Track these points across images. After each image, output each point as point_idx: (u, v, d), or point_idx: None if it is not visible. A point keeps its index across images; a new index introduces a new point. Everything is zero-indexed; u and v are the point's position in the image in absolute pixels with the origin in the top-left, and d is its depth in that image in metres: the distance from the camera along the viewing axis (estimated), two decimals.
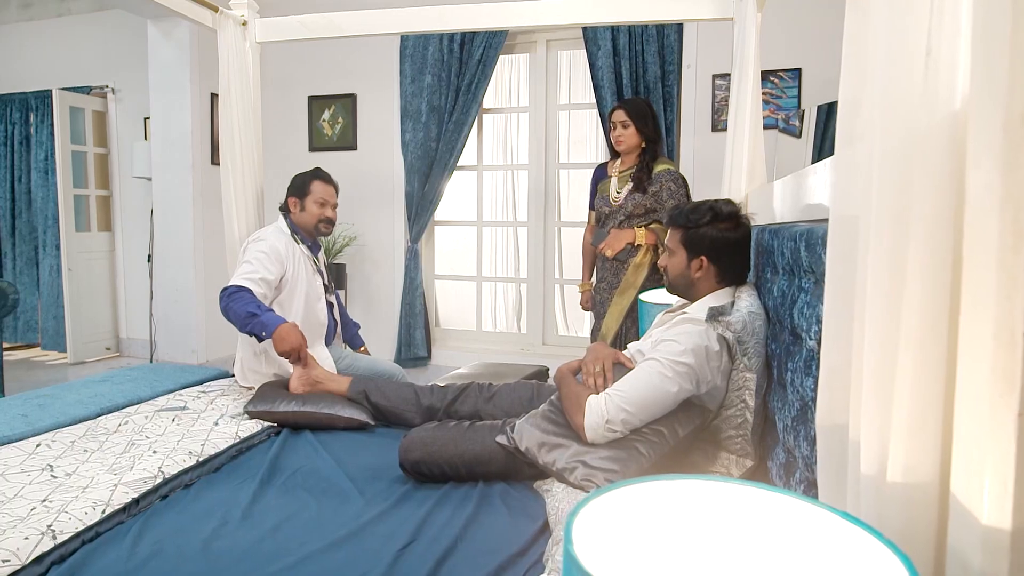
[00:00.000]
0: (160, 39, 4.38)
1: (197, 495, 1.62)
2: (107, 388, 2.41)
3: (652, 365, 1.56)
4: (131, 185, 5.18)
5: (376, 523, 1.48)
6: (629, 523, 0.62)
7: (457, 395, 2.12)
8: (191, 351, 4.54)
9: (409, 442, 1.74)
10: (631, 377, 1.57)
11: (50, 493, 1.51)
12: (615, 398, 1.53)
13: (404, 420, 2.15)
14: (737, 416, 1.64)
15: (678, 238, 1.78)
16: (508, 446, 1.60)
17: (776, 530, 0.61)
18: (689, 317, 1.64)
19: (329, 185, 2.71)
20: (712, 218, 1.73)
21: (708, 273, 1.75)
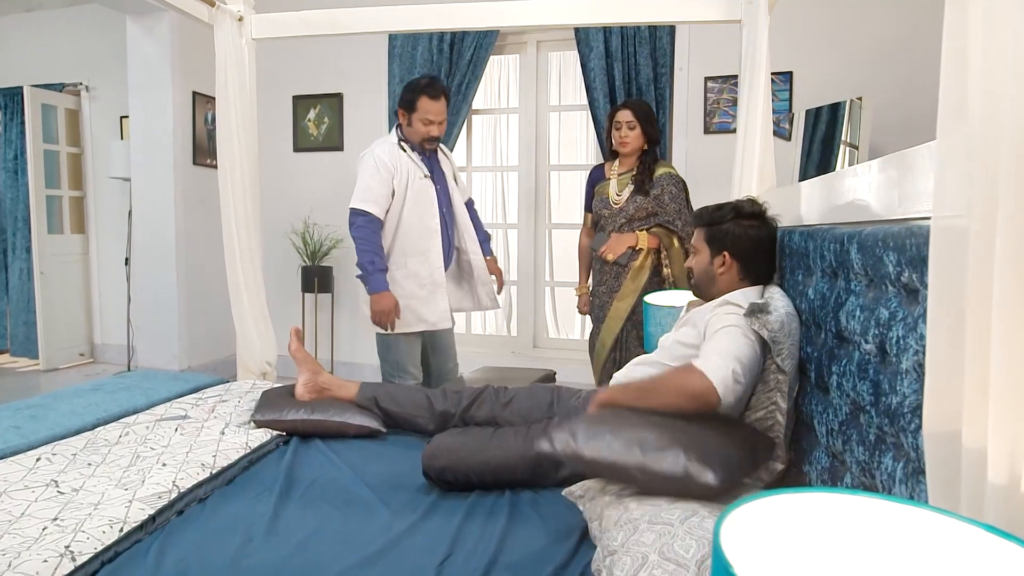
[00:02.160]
0: (140, 36, 4.25)
1: (214, 510, 1.55)
2: (100, 397, 2.31)
3: (727, 330, 1.53)
4: (106, 186, 5.01)
5: (408, 536, 1.43)
6: (773, 532, 0.59)
7: (472, 400, 2.07)
8: (173, 356, 4.41)
9: (434, 449, 1.69)
10: (717, 339, 1.52)
11: (60, 511, 1.43)
12: (718, 358, 1.47)
13: (417, 426, 2.09)
14: (767, 419, 1.62)
15: (702, 236, 1.80)
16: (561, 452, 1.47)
17: (921, 545, 0.59)
18: (729, 299, 1.63)
19: (437, 101, 2.66)
20: (734, 215, 1.75)
21: (731, 270, 1.74)
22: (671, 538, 1.14)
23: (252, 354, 2.73)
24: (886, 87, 3.56)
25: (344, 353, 4.73)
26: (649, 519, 1.23)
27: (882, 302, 1.11)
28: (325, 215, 4.60)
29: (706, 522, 1.18)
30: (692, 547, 1.10)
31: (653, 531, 1.17)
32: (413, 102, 2.65)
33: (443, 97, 2.68)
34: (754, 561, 0.56)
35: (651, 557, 1.10)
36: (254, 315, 2.71)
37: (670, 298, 2.54)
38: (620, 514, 1.31)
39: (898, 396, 1.03)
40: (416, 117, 2.66)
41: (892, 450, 1.07)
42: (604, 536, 1.29)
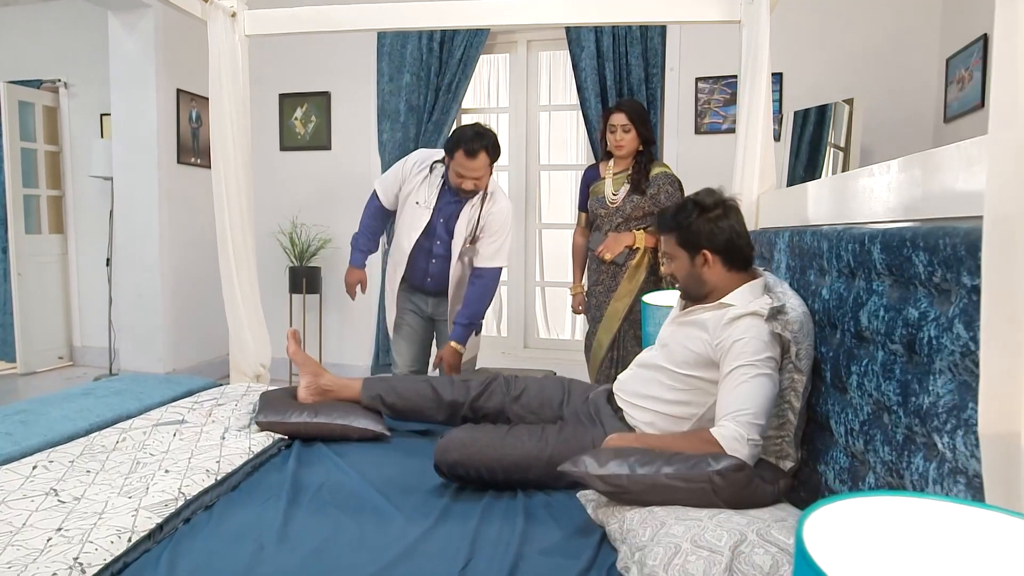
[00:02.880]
0: (122, 32, 4.15)
1: (221, 517, 1.51)
2: (92, 402, 2.25)
3: (748, 371, 1.52)
4: (86, 185, 4.90)
5: (425, 542, 1.40)
6: (850, 534, 0.59)
7: (481, 390, 2.04)
8: (157, 359, 4.32)
9: (447, 443, 1.67)
10: (739, 393, 1.51)
11: (63, 521, 1.38)
12: (743, 417, 1.47)
13: (425, 418, 2.07)
14: (779, 416, 1.62)
15: (674, 242, 1.76)
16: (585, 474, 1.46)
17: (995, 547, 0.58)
18: (740, 311, 1.61)
19: (473, 159, 2.50)
20: (699, 211, 1.71)
21: (715, 265, 1.71)
22: (701, 529, 1.14)
23: (246, 356, 2.68)
24: (874, 89, 3.60)
25: (332, 354, 4.67)
26: (677, 516, 1.23)
27: (910, 302, 1.11)
28: (313, 215, 4.54)
29: (735, 517, 1.18)
30: (724, 536, 1.11)
31: (682, 524, 1.17)
32: (452, 151, 2.55)
33: (483, 154, 2.52)
34: (834, 560, 0.56)
35: (684, 546, 1.10)
36: (248, 316, 2.67)
37: (668, 298, 2.53)
38: (645, 515, 1.30)
39: (931, 396, 1.03)
40: (452, 166, 2.57)
41: (923, 450, 1.07)
42: (629, 536, 1.28)
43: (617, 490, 1.39)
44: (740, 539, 1.09)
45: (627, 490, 1.38)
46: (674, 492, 1.34)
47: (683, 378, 1.70)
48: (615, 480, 1.39)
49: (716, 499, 1.33)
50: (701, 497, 1.33)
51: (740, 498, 1.33)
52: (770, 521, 1.17)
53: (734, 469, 1.33)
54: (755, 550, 1.06)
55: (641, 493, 1.37)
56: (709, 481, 1.32)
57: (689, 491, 1.33)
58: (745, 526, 1.14)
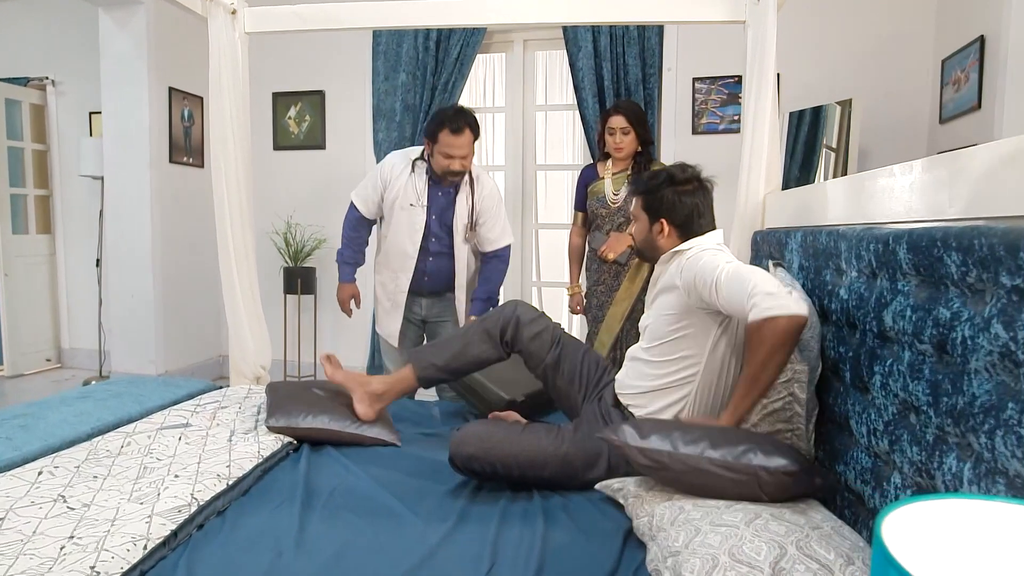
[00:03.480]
0: (114, 29, 4.08)
1: (235, 523, 1.48)
2: (91, 406, 2.21)
3: (726, 268, 1.55)
4: (75, 184, 4.82)
5: (445, 546, 1.39)
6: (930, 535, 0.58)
7: (528, 320, 1.97)
8: (149, 361, 4.26)
9: (463, 436, 1.66)
10: (735, 279, 1.52)
11: (74, 528, 1.35)
12: (758, 288, 1.46)
13: (483, 361, 2.00)
14: (786, 409, 1.62)
15: (640, 204, 1.83)
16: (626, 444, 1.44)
17: None
18: (697, 251, 1.68)
19: (459, 136, 2.53)
20: (668, 182, 1.77)
21: (671, 236, 1.77)
22: (739, 540, 1.12)
23: (246, 358, 2.64)
24: (869, 91, 3.62)
25: None
26: (711, 521, 1.21)
27: (941, 302, 1.11)
28: (308, 215, 4.50)
29: (771, 524, 1.17)
30: (763, 549, 1.09)
31: (718, 533, 1.16)
32: (435, 134, 2.55)
33: (467, 130, 2.55)
34: (914, 561, 0.55)
35: (721, 559, 1.08)
36: (249, 318, 2.63)
37: None
38: (675, 513, 1.29)
39: (966, 396, 1.03)
40: (437, 149, 2.57)
41: (956, 450, 1.07)
42: (659, 535, 1.26)
43: (656, 465, 1.37)
44: (780, 554, 1.07)
45: (666, 467, 1.37)
46: (716, 479, 1.33)
47: (672, 343, 1.71)
48: (655, 455, 1.37)
49: (760, 492, 1.33)
50: (744, 488, 1.32)
51: (785, 494, 1.32)
52: (808, 530, 1.16)
53: (783, 472, 1.31)
54: (795, 566, 1.05)
55: (681, 473, 1.35)
56: (755, 476, 1.32)
57: (733, 481, 1.32)
58: (784, 537, 1.12)
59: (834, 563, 1.08)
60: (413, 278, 2.80)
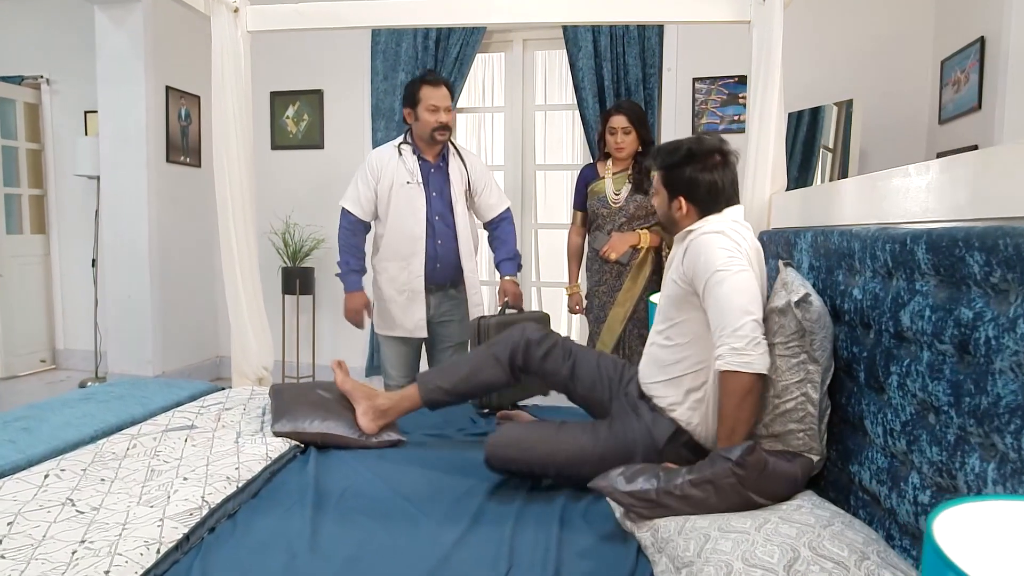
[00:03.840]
0: (110, 27, 4.05)
1: (246, 526, 1.46)
2: (93, 407, 2.19)
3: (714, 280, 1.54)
4: (70, 184, 4.78)
5: (460, 549, 1.38)
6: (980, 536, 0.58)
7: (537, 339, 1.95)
8: (146, 362, 4.23)
9: (499, 438, 1.67)
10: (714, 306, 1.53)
11: (85, 532, 1.33)
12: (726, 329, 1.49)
13: (491, 385, 1.98)
14: (798, 410, 1.62)
15: (659, 179, 1.80)
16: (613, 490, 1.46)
17: None
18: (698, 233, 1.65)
19: (439, 87, 2.63)
20: (688, 158, 1.72)
21: (689, 212, 1.74)
22: (751, 545, 1.12)
23: (248, 359, 2.62)
24: (868, 91, 3.62)
25: (326, 356, 4.60)
26: (719, 527, 1.21)
27: (963, 302, 1.11)
28: (306, 215, 4.48)
29: (782, 527, 1.17)
30: (776, 553, 1.09)
31: (728, 539, 1.15)
32: (415, 94, 2.63)
33: (443, 85, 2.65)
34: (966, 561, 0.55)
35: (735, 565, 1.08)
36: (252, 318, 2.61)
37: None
38: (680, 523, 1.29)
39: (990, 397, 1.03)
40: (422, 108, 2.63)
41: (979, 451, 1.06)
42: (667, 546, 1.26)
43: (646, 505, 1.38)
44: (794, 556, 1.07)
45: (656, 503, 1.37)
46: (703, 498, 1.34)
47: (680, 324, 1.70)
48: (644, 495, 1.38)
49: (746, 491, 1.33)
50: (732, 495, 1.33)
51: (766, 481, 1.34)
52: (819, 529, 1.16)
53: (747, 453, 1.34)
54: (810, 568, 1.04)
55: (673, 507, 1.36)
56: (733, 475, 1.33)
57: (720, 492, 1.33)
58: (795, 539, 1.12)
59: (848, 559, 1.07)
60: (425, 269, 2.75)
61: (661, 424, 1.69)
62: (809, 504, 1.32)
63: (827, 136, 3.58)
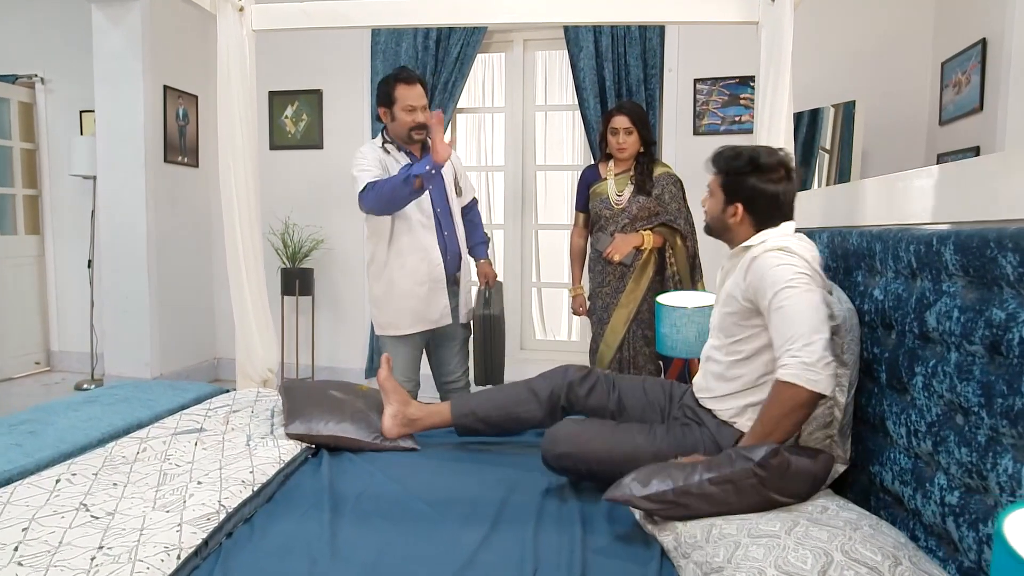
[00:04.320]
0: (107, 25, 4.01)
1: (264, 531, 1.45)
2: (99, 410, 2.16)
3: (784, 295, 1.49)
4: (65, 184, 4.72)
5: (483, 552, 1.36)
6: None
7: (582, 378, 1.94)
8: (144, 364, 4.19)
9: (555, 434, 1.66)
10: (784, 320, 1.48)
11: (102, 538, 1.31)
12: (796, 342, 1.43)
13: (524, 423, 1.97)
14: (825, 415, 1.62)
15: (718, 182, 1.75)
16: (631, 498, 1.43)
17: None
18: (762, 249, 1.60)
19: (414, 86, 2.57)
20: (751, 168, 1.69)
21: (744, 221, 1.70)
22: (783, 551, 1.11)
23: (253, 361, 2.60)
24: (868, 93, 3.63)
25: (325, 358, 4.58)
26: (748, 533, 1.20)
27: (994, 303, 1.11)
28: (305, 215, 4.45)
29: (812, 530, 1.16)
30: (808, 558, 1.08)
31: (759, 545, 1.14)
32: (390, 94, 2.56)
33: (418, 83, 2.59)
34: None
35: (768, 572, 1.07)
36: (258, 320, 2.58)
37: (683, 299, 2.53)
38: (707, 529, 1.28)
39: (1023, 398, 1.02)
40: (398, 108, 2.56)
41: (1011, 452, 1.06)
42: (694, 552, 1.25)
43: (666, 506, 1.37)
44: (827, 561, 1.06)
45: (674, 503, 1.36)
46: (723, 497, 1.33)
47: (741, 342, 1.67)
48: (661, 497, 1.37)
49: (767, 491, 1.32)
50: (753, 495, 1.31)
51: (788, 481, 1.32)
52: (849, 532, 1.15)
53: (770, 456, 1.32)
54: (844, 573, 1.03)
55: (692, 506, 1.34)
56: (754, 475, 1.31)
57: (738, 491, 1.32)
58: (827, 543, 1.11)
59: (882, 564, 1.07)
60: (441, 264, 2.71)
61: (725, 433, 1.67)
62: (835, 506, 1.32)
63: (824, 138, 3.59)
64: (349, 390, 2.24)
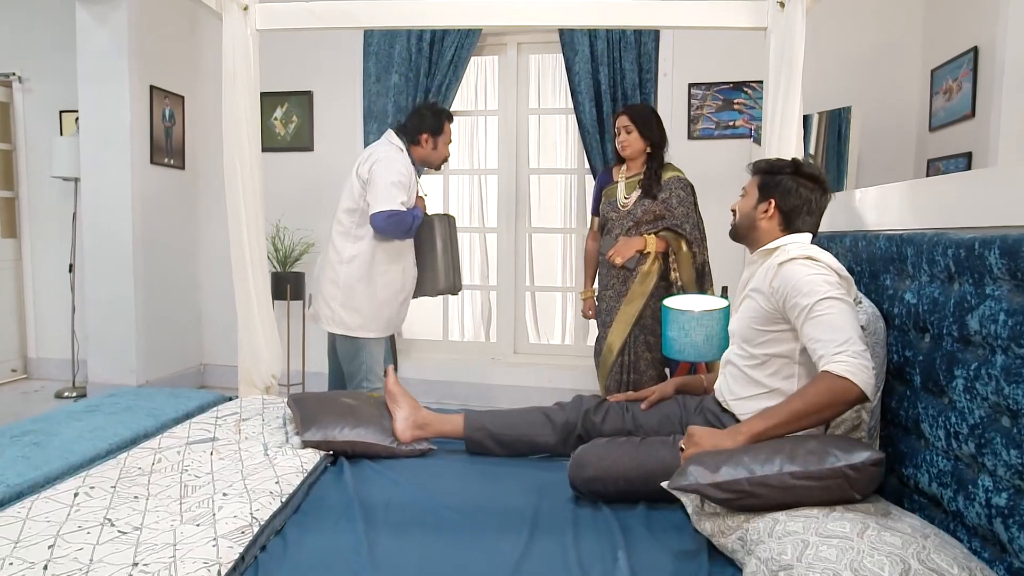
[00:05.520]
0: (92, 24, 3.90)
1: (298, 543, 1.40)
2: (102, 420, 2.10)
3: (830, 303, 1.49)
4: (45, 186, 4.58)
5: (526, 561, 1.34)
6: None
7: (596, 406, 1.97)
8: (129, 371, 4.08)
9: (581, 457, 1.64)
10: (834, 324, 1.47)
11: (134, 554, 1.26)
12: (852, 346, 1.43)
13: (536, 447, 1.97)
14: (853, 418, 1.63)
15: (755, 182, 1.79)
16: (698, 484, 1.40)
17: None
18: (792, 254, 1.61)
19: (452, 124, 2.95)
20: (792, 169, 1.75)
21: (772, 219, 1.73)
22: (857, 554, 1.10)
23: (259, 367, 2.54)
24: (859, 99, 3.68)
25: (316, 363, 4.50)
26: (816, 532, 1.19)
27: None
28: (296, 219, 4.38)
29: (884, 535, 1.14)
30: (886, 564, 1.06)
31: (830, 546, 1.13)
32: (441, 126, 2.85)
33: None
34: None
35: (844, 574, 1.06)
36: (264, 325, 2.52)
37: (689, 302, 2.53)
38: (770, 525, 1.27)
39: None
40: (442, 140, 2.87)
41: None
42: (758, 548, 1.24)
43: (736, 496, 1.33)
44: (905, 568, 1.05)
45: (749, 494, 1.32)
46: (805, 492, 1.30)
47: (762, 345, 1.67)
48: (735, 486, 1.33)
49: (851, 492, 1.31)
50: (834, 492, 1.30)
51: (872, 483, 1.32)
52: (920, 539, 1.14)
53: (871, 464, 1.30)
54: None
55: (766, 496, 1.31)
56: (844, 477, 1.29)
57: (823, 488, 1.30)
58: (902, 550, 1.09)
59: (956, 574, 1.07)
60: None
61: None
62: (896, 510, 1.32)
63: (811, 144, 3.64)
64: (360, 396, 2.20)
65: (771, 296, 1.62)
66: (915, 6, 3.78)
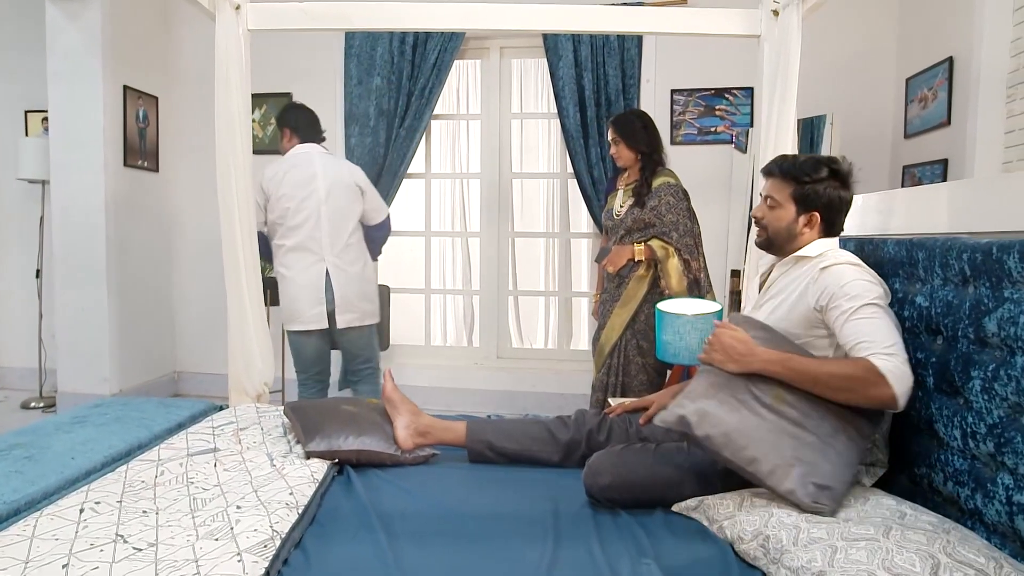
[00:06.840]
0: (63, 22, 3.77)
1: (321, 556, 1.37)
2: (93, 431, 2.02)
3: (875, 310, 1.49)
4: (8, 189, 4.42)
5: (557, 569, 1.33)
6: None
7: (599, 424, 1.97)
8: (102, 380, 3.94)
9: (596, 466, 1.62)
10: (880, 327, 1.47)
11: (155, 571, 1.21)
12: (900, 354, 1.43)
13: (537, 460, 1.94)
14: None
15: (788, 192, 1.71)
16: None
17: None
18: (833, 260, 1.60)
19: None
20: (831, 175, 1.68)
21: (815, 230, 1.70)
22: (887, 553, 1.12)
23: (251, 375, 2.48)
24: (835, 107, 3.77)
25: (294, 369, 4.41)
26: (841, 536, 1.21)
27: None
28: None
29: (909, 533, 1.17)
30: (916, 561, 1.09)
31: (859, 548, 1.15)
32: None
33: None
34: None
35: (879, 574, 1.08)
36: (257, 331, 2.46)
37: (682, 305, 2.55)
38: (793, 534, 1.28)
39: None
40: None
41: None
42: (784, 557, 1.25)
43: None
44: (935, 563, 1.08)
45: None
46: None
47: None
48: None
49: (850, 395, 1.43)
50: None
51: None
52: (942, 534, 1.17)
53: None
54: (955, 575, 1.06)
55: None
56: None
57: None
58: (928, 545, 1.12)
59: (987, 566, 1.09)
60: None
61: None
62: (910, 510, 1.35)
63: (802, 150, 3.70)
64: (360, 403, 2.17)
65: (819, 297, 1.58)
66: (889, 17, 3.88)
